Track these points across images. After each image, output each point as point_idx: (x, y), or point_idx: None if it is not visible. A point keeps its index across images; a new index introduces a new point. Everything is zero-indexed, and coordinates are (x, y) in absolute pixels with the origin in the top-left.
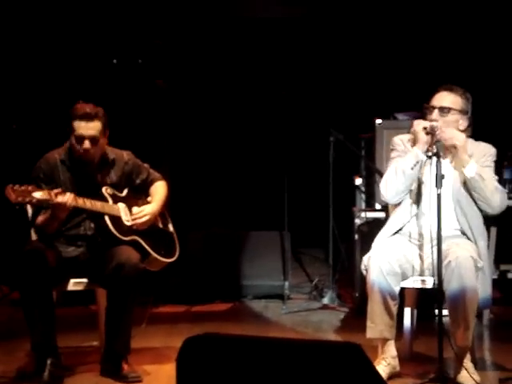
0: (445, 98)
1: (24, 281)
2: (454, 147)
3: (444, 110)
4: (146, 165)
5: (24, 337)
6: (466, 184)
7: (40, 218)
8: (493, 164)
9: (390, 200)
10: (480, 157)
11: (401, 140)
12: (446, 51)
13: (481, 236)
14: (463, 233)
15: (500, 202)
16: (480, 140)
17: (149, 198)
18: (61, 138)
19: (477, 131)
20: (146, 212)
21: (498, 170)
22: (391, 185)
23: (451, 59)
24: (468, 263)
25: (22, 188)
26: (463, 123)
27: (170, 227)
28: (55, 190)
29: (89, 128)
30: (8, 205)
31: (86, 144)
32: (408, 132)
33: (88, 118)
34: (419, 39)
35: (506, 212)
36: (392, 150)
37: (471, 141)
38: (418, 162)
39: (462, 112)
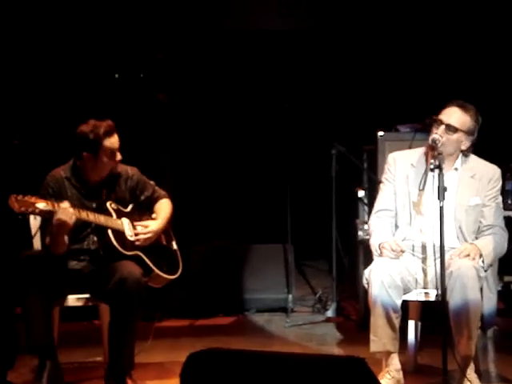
0: (454, 116)
1: (18, 281)
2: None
3: (450, 129)
4: (151, 182)
5: (28, 351)
6: (468, 211)
7: (47, 240)
8: (500, 191)
9: None
10: (486, 182)
11: (393, 159)
12: (447, 63)
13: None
14: None
15: (506, 249)
16: (483, 152)
17: (153, 215)
18: (63, 151)
19: (479, 143)
20: (150, 229)
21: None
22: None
23: (452, 71)
24: (470, 273)
25: (26, 198)
26: (466, 143)
27: (174, 245)
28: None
29: (116, 141)
30: (11, 215)
31: (119, 156)
32: (409, 148)
33: (113, 131)
34: (421, 52)
35: (509, 223)
36: (385, 169)
37: (475, 158)
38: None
39: (468, 133)
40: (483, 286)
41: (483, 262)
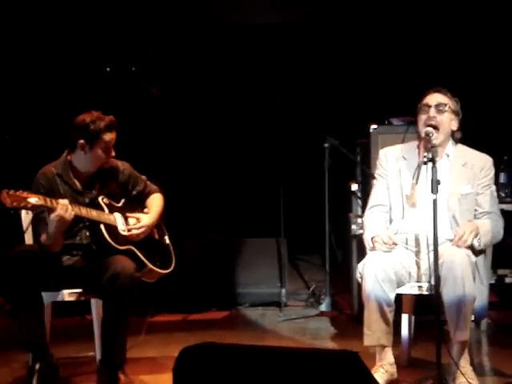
0: (438, 97)
1: (11, 277)
2: None
3: (440, 107)
4: (143, 177)
5: (20, 348)
6: (460, 200)
7: (43, 237)
8: (493, 179)
9: None
10: (478, 171)
11: (385, 155)
12: (439, 57)
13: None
14: None
15: (502, 235)
16: (476, 145)
17: (145, 210)
18: (55, 145)
19: (472, 136)
20: (142, 224)
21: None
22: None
23: (444, 64)
24: (463, 259)
25: (18, 193)
26: (455, 124)
27: (166, 239)
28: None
29: (114, 138)
30: (2, 210)
31: (113, 152)
32: (402, 141)
33: (114, 127)
34: (413, 45)
35: (502, 215)
36: (377, 165)
37: (466, 148)
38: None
39: (454, 112)
40: (475, 277)
41: (479, 239)
